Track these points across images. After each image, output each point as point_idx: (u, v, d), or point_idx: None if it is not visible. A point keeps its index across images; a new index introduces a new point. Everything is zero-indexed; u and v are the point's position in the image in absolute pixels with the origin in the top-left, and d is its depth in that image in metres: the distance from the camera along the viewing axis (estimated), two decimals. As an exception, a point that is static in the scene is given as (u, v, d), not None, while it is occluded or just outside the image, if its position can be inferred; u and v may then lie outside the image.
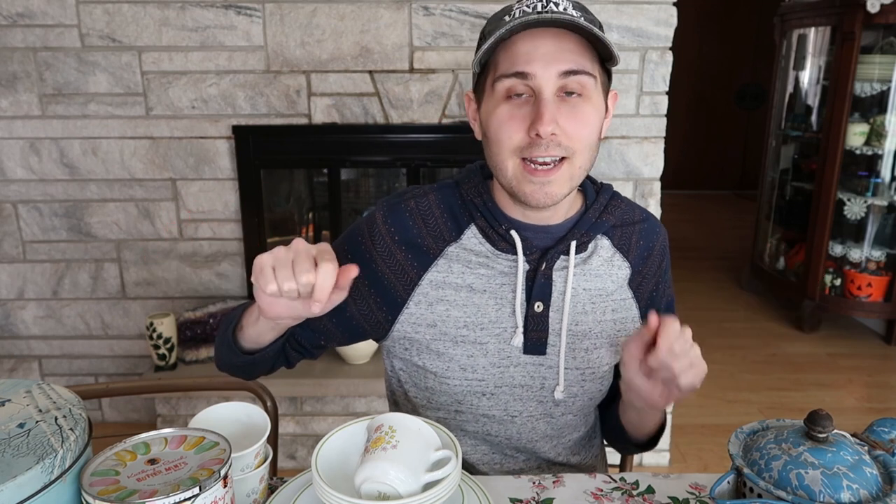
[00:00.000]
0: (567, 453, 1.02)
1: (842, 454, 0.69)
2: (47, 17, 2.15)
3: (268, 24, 2.16)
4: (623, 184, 2.27)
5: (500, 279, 0.91)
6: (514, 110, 0.83)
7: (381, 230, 0.94)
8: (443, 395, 0.96)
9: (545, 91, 0.81)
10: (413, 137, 2.25)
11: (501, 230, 0.91)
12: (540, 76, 0.81)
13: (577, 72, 0.81)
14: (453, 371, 0.93)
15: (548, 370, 0.94)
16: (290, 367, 1.02)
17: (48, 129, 2.25)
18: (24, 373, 2.49)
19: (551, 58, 0.80)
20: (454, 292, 0.91)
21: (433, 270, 0.92)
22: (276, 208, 2.46)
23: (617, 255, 0.95)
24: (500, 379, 0.94)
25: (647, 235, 0.99)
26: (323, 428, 2.24)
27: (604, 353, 0.96)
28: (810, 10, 3.47)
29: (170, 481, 0.62)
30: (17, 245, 2.36)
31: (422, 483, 0.70)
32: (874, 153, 3.21)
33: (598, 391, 0.99)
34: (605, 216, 0.94)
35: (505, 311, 0.91)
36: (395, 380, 1.02)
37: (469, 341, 0.92)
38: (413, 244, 0.93)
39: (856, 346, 3.29)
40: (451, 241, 0.92)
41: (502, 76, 0.82)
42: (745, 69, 6.23)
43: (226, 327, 0.93)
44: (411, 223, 0.93)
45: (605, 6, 2.14)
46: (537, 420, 0.97)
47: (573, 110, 0.82)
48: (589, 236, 0.93)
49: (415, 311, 0.93)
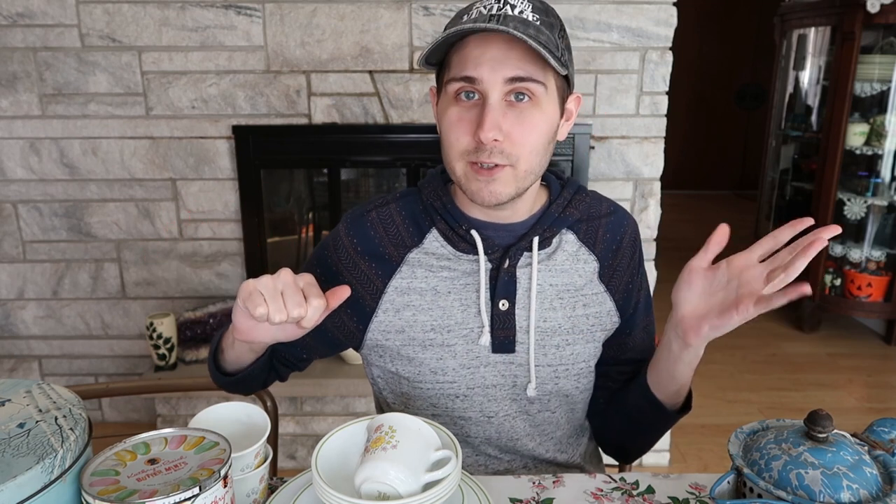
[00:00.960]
0: (554, 450, 1.02)
1: (842, 454, 0.69)
2: (47, 17, 2.15)
3: (268, 24, 2.16)
4: (623, 184, 2.27)
5: (463, 280, 0.92)
6: (463, 112, 0.83)
7: (344, 243, 0.96)
8: (417, 399, 0.96)
9: (491, 96, 0.81)
10: (413, 137, 2.25)
11: (462, 231, 0.91)
12: (486, 81, 0.80)
13: (524, 79, 0.81)
14: (424, 375, 0.93)
15: (518, 368, 0.94)
16: (283, 381, 1.04)
17: (48, 129, 2.25)
18: (24, 373, 2.49)
19: (498, 63, 0.80)
20: (419, 297, 0.92)
21: (397, 277, 0.93)
22: (276, 208, 2.46)
23: (583, 249, 0.95)
24: (472, 380, 0.94)
25: (613, 228, 0.98)
26: (323, 428, 2.24)
27: (579, 349, 0.95)
28: (810, 10, 3.47)
29: (170, 481, 0.62)
30: (17, 245, 2.36)
31: (422, 483, 0.70)
32: (874, 153, 3.21)
33: (575, 387, 0.98)
34: (569, 210, 0.94)
35: (470, 312, 0.91)
36: (376, 387, 1.03)
37: (437, 344, 0.92)
38: (375, 254, 0.94)
39: (856, 346, 3.29)
40: (412, 247, 0.94)
41: (452, 79, 0.83)
42: (745, 69, 6.23)
43: (210, 353, 0.96)
44: (372, 233, 0.95)
45: (605, 6, 2.14)
46: (514, 419, 0.97)
47: (519, 116, 0.82)
48: (552, 231, 0.93)
49: (383, 319, 0.94)
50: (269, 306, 0.73)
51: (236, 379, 0.94)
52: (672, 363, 0.88)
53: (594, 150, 2.22)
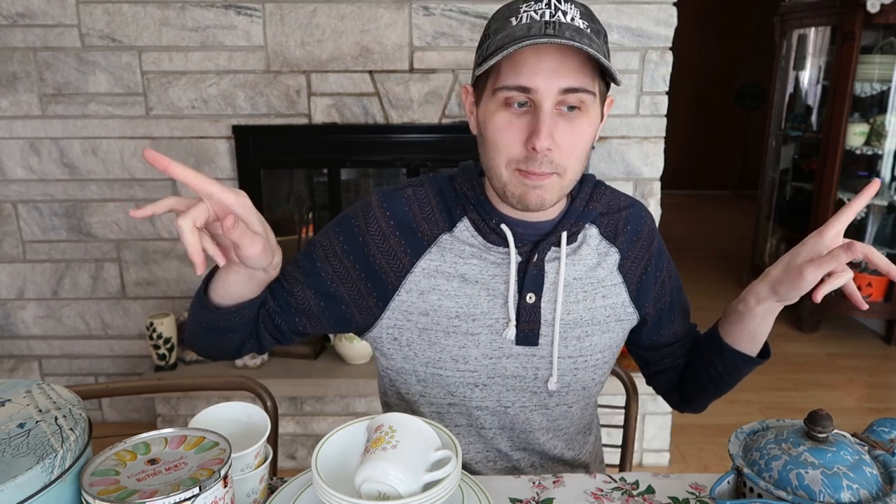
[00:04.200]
0: (562, 446, 1.02)
1: (842, 454, 0.69)
2: (47, 17, 2.15)
3: (268, 24, 2.16)
4: (623, 184, 2.28)
5: (492, 270, 0.92)
6: (513, 119, 0.82)
7: (376, 214, 0.94)
8: (435, 386, 0.96)
9: (545, 105, 0.80)
10: (413, 137, 2.25)
11: (493, 224, 0.92)
12: (542, 91, 0.80)
13: (577, 90, 0.81)
14: (445, 362, 0.93)
15: (540, 360, 0.94)
16: (262, 353, 1.00)
17: (48, 129, 2.25)
18: (24, 373, 2.49)
19: (554, 73, 0.79)
20: (446, 281, 0.92)
21: (426, 258, 0.92)
22: (276, 208, 2.46)
23: (604, 242, 0.97)
24: (493, 370, 0.94)
25: (633, 220, 1.00)
26: (323, 428, 2.24)
27: (596, 340, 0.96)
28: (810, 10, 3.47)
29: (170, 481, 0.62)
30: (17, 245, 2.36)
31: (422, 483, 0.70)
32: (874, 153, 3.21)
33: (591, 379, 0.99)
34: (591, 204, 0.96)
35: (497, 303, 0.92)
36: (388, 379, 1.02)
37: (461, 332, 0.92)
38: (408, 228, 0.93)
39: (856, 346, 3.29)
40: (444, 230, 0.93)
41: (505, 87, 0.81)
42: (745, 69, 6.23)
43: (203, 280, 0.89)
44: (407, 208, 0.94)
45: (605, 6, 2.14)
46: (531, 411, 0.97)
47: (570, 125, 0.82)
48: (578, 226, 0.94)
49: (406, 299, 0.93)
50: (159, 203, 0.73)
51: (218, 318, 0.87)
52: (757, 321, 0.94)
53: (594, 150, 2.23)
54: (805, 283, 0.84)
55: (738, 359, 0.97)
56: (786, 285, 0.87)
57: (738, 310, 0.95)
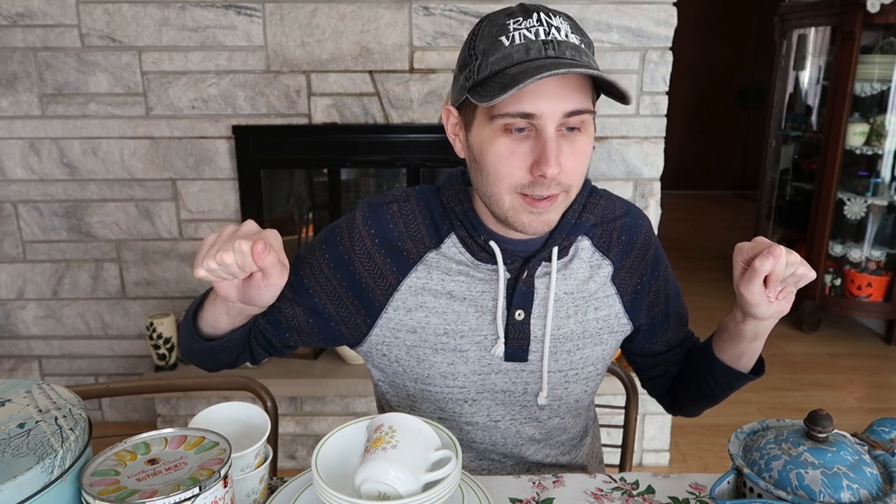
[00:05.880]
0: (556, 454, 1.02)
1: (842, 454, 0.69)
2: (47, 17, 2.15)
3: (268, 24, 2.16)
4: (623, 184, 2.27)
5: (480, 287, 0.90)
6: (515, 145, 0.79)
7: (360, 231, 0.93)
8: (424, 402, 0.95)
9: (548, 129, 0.77)
10: (413, 137, 2.24)
11: (481, 241, 0.90)
12: (545, 116, 0.77)
13: (580, 111, 0.78)
14: (434, 378, 0.93)
15: (530, 375, 0.93)
16: (255, 364, 1.01)
17: (48, 129, 2.25)
18: (24, 373, 2.49)
19: (557, 97, 0.77)
20: (433, 299, 0.90)
21: (412, 276, 0.91)
22: (276, 208, 2.46)
23: (597, 255, 0.94)
24: (482, 385, 0.93)
25: (628, 230, 0.97)
26: (323, 428, 2.24)
27: (588, 353, 0.95)
28: (810, 10, 3.47)
29: (170, 481, 0.62)
30: (17, 245, 2.36)
31: (422, 483, 0.70)
32: (874, 153, 3.21)
33: (583, 391, 0.98)
34: (584, 216, 0.93)
35: (485, 320, 0.90)
36: (380, 391, 1.02)
37: (449, 349, 0.91)
38: (393, 247, 0.91)
39: (856, 346, 3.29)
40: (431, 248, 0.91)
41: (506, 114, 0.77)
42: (745, 69, 6.23)
43: (189, 309, 0.92)
44: (392, 226, 0.92)
45: (605, 6, 2.14)
46: (522, 424, 0.97)
47: (572, 146, 0.80)
48: (570, 240, 0.92)
49: (393, 317, 0.92)
50: (199, 255, 0.75)
51: (209, 346, 0.90)
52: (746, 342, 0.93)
53: (594, 150, 2.23)
54: (751, 302, 0.84)
55: (730, 375, 0.96)
56: (745, 306, 0.87)
57: (728, 327, 0.94)
